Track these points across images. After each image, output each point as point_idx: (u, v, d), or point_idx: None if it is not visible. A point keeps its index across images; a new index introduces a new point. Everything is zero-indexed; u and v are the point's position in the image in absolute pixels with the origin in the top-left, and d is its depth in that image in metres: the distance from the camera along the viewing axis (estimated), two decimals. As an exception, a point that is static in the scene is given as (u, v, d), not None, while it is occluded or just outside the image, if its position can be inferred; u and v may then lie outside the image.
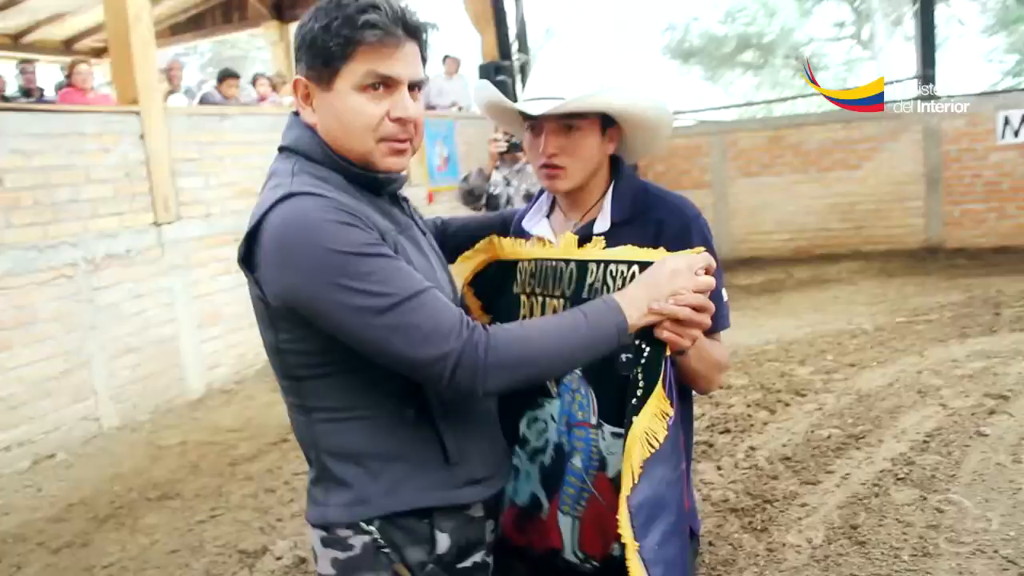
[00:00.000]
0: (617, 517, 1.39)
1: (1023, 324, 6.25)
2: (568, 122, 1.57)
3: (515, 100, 1.62)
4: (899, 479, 3.76)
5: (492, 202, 4.78)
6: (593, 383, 1.57)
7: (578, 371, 1.58)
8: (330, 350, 1.33)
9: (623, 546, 1.38)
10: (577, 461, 1.59)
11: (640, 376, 1.43)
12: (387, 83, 1.35)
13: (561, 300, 1.59)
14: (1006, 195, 9.72)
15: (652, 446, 1.39)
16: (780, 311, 7.65)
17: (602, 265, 1.56)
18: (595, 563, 1.59)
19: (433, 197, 9.51)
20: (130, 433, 5.63)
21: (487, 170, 4.72)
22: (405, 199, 1.55)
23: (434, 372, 1.26)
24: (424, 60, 1.42)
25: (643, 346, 1.43)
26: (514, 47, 12.49)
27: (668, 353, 1.42)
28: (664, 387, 1.41)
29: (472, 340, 1.26)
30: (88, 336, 5.48)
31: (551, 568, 1.66)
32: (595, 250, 1.58)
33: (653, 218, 1.57)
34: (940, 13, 20.67)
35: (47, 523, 4.32)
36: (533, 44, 14.01)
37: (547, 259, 1.64)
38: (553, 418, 1.63)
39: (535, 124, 1.59)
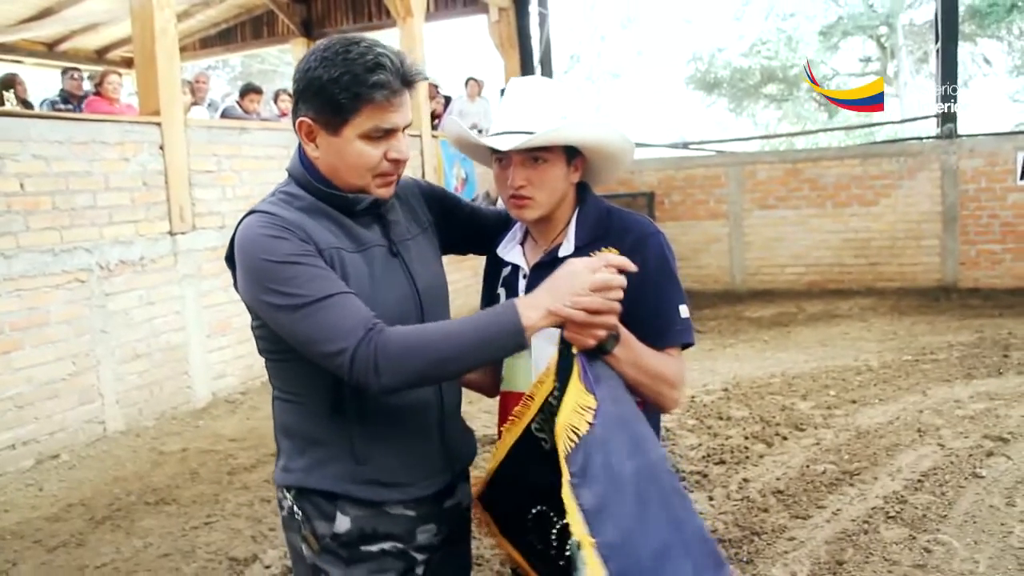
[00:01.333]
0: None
1: (1031, 367, 6.20)
2: (535, 155, 1.63)
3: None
4: (890, 517, 3.75)
5: None
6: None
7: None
8: (277, 339, 1.54)
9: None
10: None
11: (555, 377, 1.47)
12: (387, 132, 1.54)
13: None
14: (1023, 236, 9.67)
15: (572, 439, 1.40)
16: (788, 345, 7.64)
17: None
18: None
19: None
20: (134, 438, 5.70)
21: (493, 194, 4.79)
22: (391, 221, 1.66)
23: (336, 364, 1.43)
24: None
25: (561, 348, 1.48)
26: (538, 71, 12.62)
27: (575, 351, 1.46)
28: (582, 381, 1.44)
29: (367, 338, 1.41)
30: (98, 340, 5.57)
31: None
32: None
33: (613, 239, 1.61)
34: (965, 52, 20.65)
35: (45, 522, 4.38)
36: (557, 69, 14.14)
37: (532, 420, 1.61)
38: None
39: (503, 157, 1.66)
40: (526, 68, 12.36)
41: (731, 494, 4.13)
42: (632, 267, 1.47)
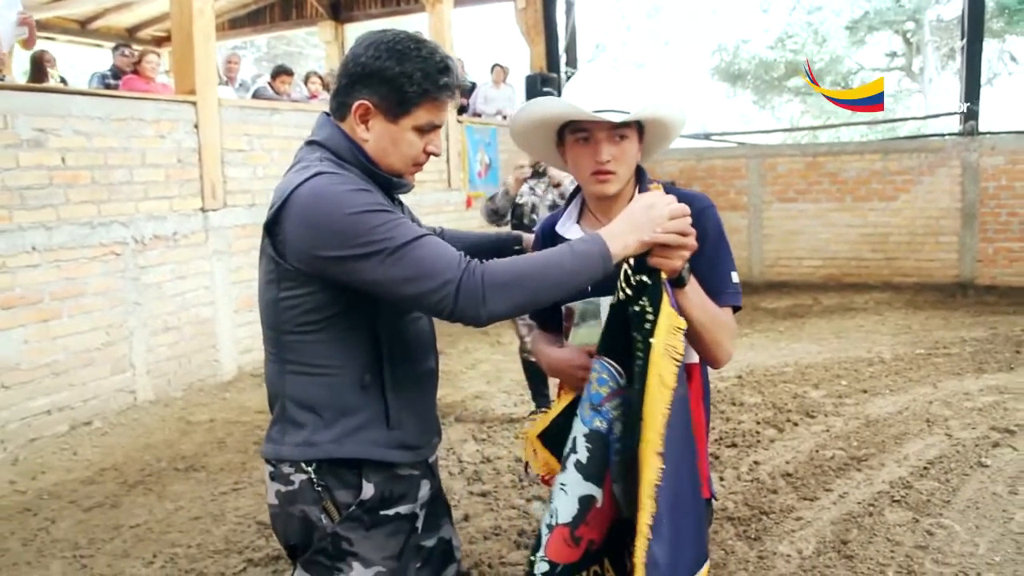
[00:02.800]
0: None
1: (1042, 364, 6.29)
2: (620, 132, 1.76)
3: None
4: (895, 501, 3.87)
5: (518, 211, 5.00)
6: (605, 350, 1.68)
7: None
8: (323, 309, 1.64)
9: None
10: (619, 428, 1.66)
11: (647, 304, 1.57)
12: (434, 127, 1.70)
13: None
14: (1042, 235, 9.70)
15: (675, 360, 1.54)
16: (803, 336, 7.74)
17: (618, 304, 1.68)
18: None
19: (472, 202, 9.72)
20: (163, 408, 5.89)
21: (512, 191, 4.92)
22: (401, 204, 1.82)
23: (439, 299, 1.52)
24: None
25: (643, 279, 1.59)
26: (562, 60, 12.69)
27: (664, 278, 1.58)
28: (672, 305, 1.57)
29: (470, 268, 1.52)
30: (131, 312, 5.76)
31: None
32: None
33: None
34: (992, 49, 20.50)
35: (80, 484, 4.57)
36: (582, 58, 14.20)
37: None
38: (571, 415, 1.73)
39: (588, 136, 1.77)
40: (551, 56, 12.44)
41: (741, 475, 4.26)
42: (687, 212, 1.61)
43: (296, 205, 1.57)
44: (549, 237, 1.96)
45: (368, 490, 1.70)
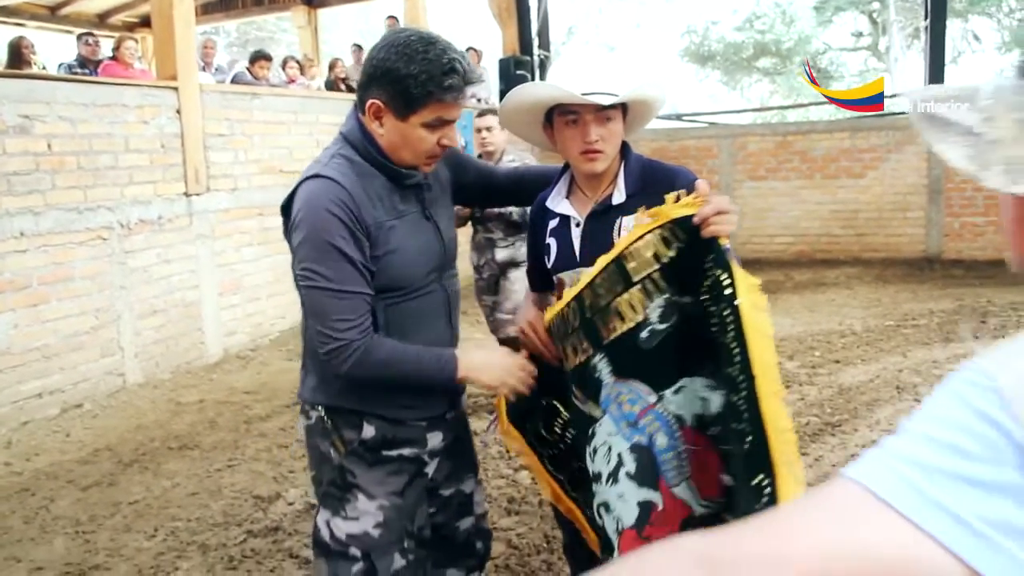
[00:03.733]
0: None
1: (1006, 332, 6.53)
2: (606, 114, 1.88)
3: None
4: (867, 462, 4.06)
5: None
6: (630, 374, 1.82)
7: (607, 375, 1.85)
8: None
9: (732, 476, 1.68)
10: (662, 439, 1.78)
11: (719, 271, 1.66)
12: (445, 122, 1.83)
13: (623, 295, 1.81)
14: (1005, 210, 9.97)
15: (763, 310, 1.64)
16: (776, 310, 7.93)
17: (588, 287, 1.85)
18: (720, 501, 1.75)
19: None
20: (152, 389, 5.97)
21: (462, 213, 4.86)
22: (427, 187, 1.97)
23: (320, 343, 1.81)
24: None
25: (709, 256, 1.68)
26: (535, 43, 12.77)
27: (725, 243, 1.67)
28: (739, 265, 1.67)
29: (359, 344, 1.80)
30: (118, 296, 5.82)
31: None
32: (618, 247, 1.82)
33: (664, 187, 1.81)
34: (956, 28, 20.81)
35: (76, 464, 4.65)
36: (555, 41, 14.29)
37: (593, 279, 1.85)
38: (611, 433, 1.86)
39: (576, 118, 1.89)
40: (524, 39, 12.50)
41: (721, 442, 4.44)
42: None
43: (297, 198, 1.83)
44: (540, 213, 2.09)
45: (369, 431, 1.94)
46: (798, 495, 1.50)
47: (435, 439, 2.03)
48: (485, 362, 1.95)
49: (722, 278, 1.65)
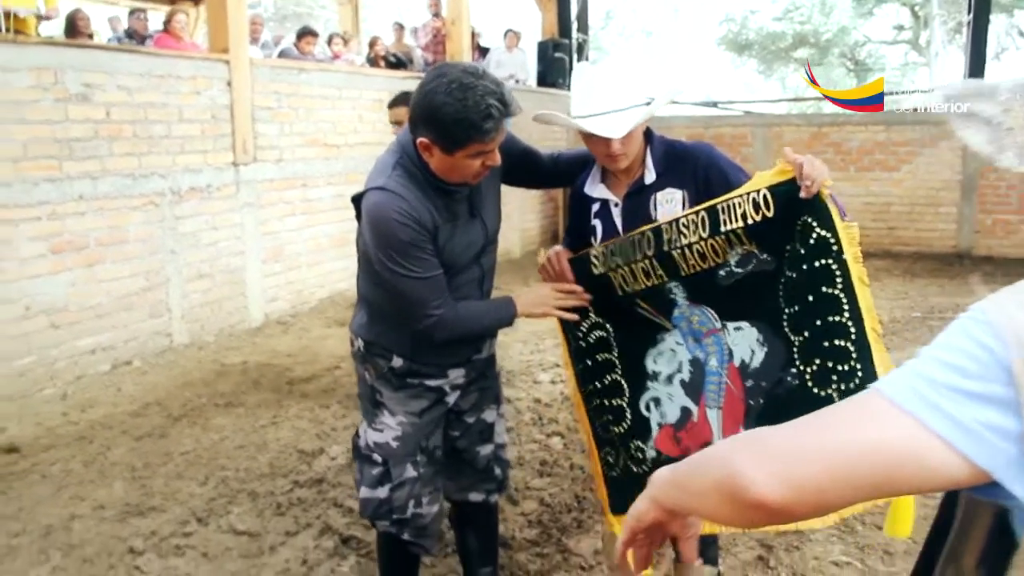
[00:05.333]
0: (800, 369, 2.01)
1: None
2: None
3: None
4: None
5: None
6: (703, 301, 2.15)
7: (682, 299, 2.16)
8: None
9: (745, 428, 2.01)
10: (714, 362, 2.15)
11: (824, 232, 1.94)
12: (488, 152, 2.06)
13: (709, 240, 2.07)
14: (1039, 208, 9.99)
15: (861, 262, 1.94)
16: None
17: (673, 224, 2.10)
18: None
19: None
20: (197, 351, 6.22)
21: None
22: (476, 188, 2.24)
23: (416, 321, 2.18)
24: None
25: (811, 218, 1.94)
26: (574, 26, 12.88)
27: (827, 194, 1.93)
28: (842, 217, 1.94)
29: (436, 314, 2.15)
30: (168, 259, 6.07)
31: None
32: (715, 200, 2.07)
33: (690, 165, 2.14)
34: (1000, 23, 20.58)
35: (128, 417, 4.90)
36: (593, 25, 14.37)
37: (678, 219, 2.12)
38: (679, 343, 2.21)
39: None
40: (563, 22, 12.63)
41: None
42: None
43: (365, 205, 2.13)
44: (580, 199, 2.37)
45: (397, 361, 2.32)
46: None
47: (456, 374, 2.39)
48: (531, 297, 2.34)
49: (828, 237, 1.92)
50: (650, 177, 2.20)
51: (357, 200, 2.20)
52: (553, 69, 12.14)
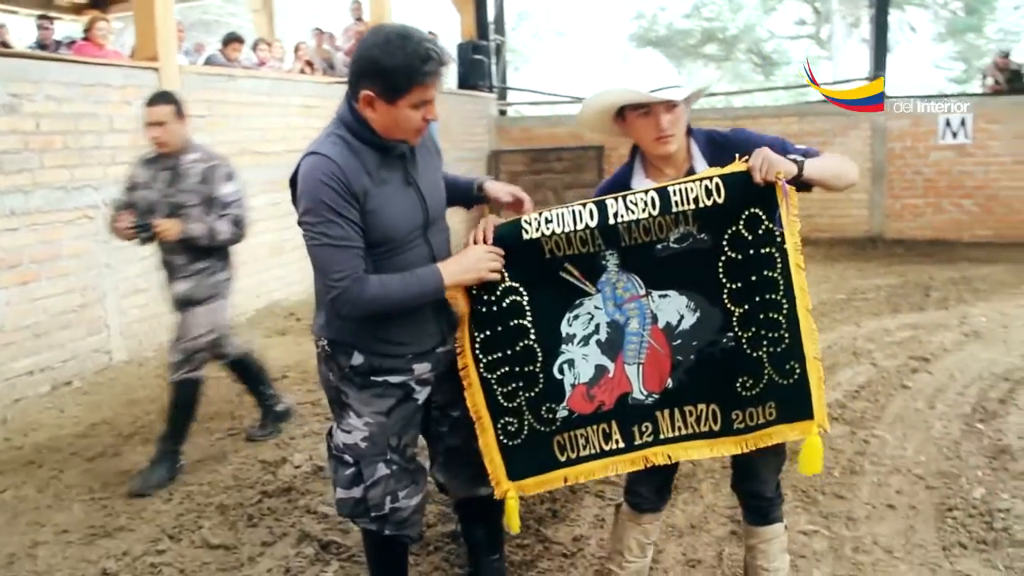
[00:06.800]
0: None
1: (947, 304, 7.03)
2: (674, 104, 2.22)
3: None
4: (833, 419, 4.41)
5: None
6: (633, 270, 2.28)
7: (613, 265, 2.28)
8: None
9: (673, 379, 2.31)
10: (635, 324, 2.31)
11: (771, 224, 2.21)
12: (427, 101, 2.15)
13: (658, 217, 2.21)
14: (942, 192, 10.56)
15: (800, 251, 2.25)
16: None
17: (620, 199, 2.23)
18: (656, 396, 2.34)
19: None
20: (137, 367, 6.06)
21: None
22: (410, 159, 2.29)
23: (326, 293, 2.19)
24: None
25: (759, 209, 2.19)
26: (491, 28, 12.96)
27: (781, 180, 2.14)
28: (786, 213, 2.20)
29: (349, 284, 2.14)
30: (104, 275, 5.90)
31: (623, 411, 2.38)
32: (670, 181, 2.24)
33: (731, 151, 2.24)
34: (893, 18, 21.54)
35: (76, 438, 4.75)
36: (507, 26, 14.48)
37: (626, 195, 2.25)
38: (597, 307, 2.32)
39: (648, 111, 2.23)
40: (480, 24, 12.70)
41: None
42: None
43: (300, 171, 2.18)
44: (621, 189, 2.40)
45: (358, 359, 2.31)
46: (820, 375, 2.29)
47: (422, 368, 2.37)
48: (461, 263, 2.26)
49: (773, 229, 2.20)
50: (701, 166, 2.29)
51: (294, 180, 2.23)
52: (473, 71, 12.17)
